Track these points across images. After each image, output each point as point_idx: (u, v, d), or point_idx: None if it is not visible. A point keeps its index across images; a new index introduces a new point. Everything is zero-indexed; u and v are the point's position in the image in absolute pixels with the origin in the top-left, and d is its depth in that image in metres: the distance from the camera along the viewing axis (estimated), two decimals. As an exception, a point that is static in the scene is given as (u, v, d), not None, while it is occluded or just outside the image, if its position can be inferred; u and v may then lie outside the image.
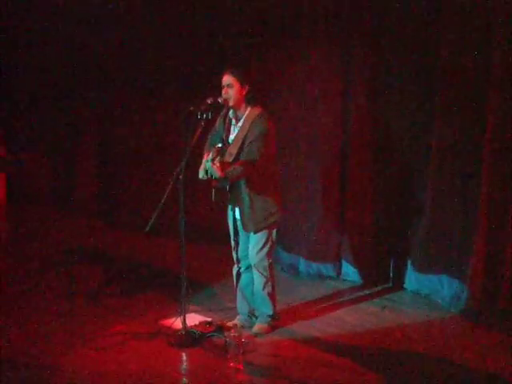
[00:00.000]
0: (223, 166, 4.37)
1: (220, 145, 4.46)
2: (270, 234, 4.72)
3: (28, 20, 9.50)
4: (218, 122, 4.82)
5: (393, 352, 4.55)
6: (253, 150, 4.48)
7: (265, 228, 4.68)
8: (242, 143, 4.54)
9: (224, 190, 4.67)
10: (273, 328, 4.87)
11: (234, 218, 4.83)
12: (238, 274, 4.95)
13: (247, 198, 4.60)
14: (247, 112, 4.60)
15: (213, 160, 4.31)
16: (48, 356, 4.41)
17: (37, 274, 6.40)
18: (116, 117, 8.91)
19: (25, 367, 4.26)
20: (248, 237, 4.78)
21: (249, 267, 4.86)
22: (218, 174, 4.36)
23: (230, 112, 4.69)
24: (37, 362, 4.32)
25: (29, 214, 9.21)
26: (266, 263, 4.74)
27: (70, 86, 9.34)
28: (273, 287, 4.83)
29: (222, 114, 4.79)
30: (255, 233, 4.69)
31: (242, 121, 4.61)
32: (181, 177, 4.43)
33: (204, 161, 4.53)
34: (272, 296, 4.84)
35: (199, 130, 4.42)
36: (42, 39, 9.40)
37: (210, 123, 4.61)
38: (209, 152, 4.57)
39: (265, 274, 4.75)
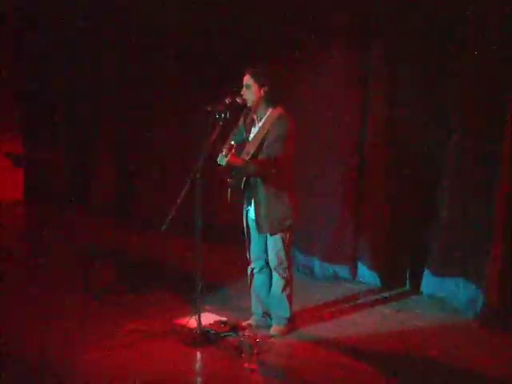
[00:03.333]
0: (240, 159, 4.40)
1: (232, 142, 4.44)
2: (286, 237, 4.69)
3: (50, 21, 9.58)
4: (241, 121, 4.82)
5: (407, 355, 4.52)
6: (272, 151, 4.47)
7: (280, 230, 4.65)
8: (261, 143, 4.53)
9: (239, 189, 4.67)
10: (289, 330, 4.85)
11: (248, 218, 4.82)
12: (252, 275, 4.94)
13: (264, 200, 4.59)
14: (268, 113, 4.60)
15: (226, 156, 4.29)
16: (61, 354, 4.43)
17: (51, 271, 6.43)
18: (133, 116, 8.94)
19: (37, 366, 4.28)
20: (262, 238, 4.76)
21: (263, 268, 4.86)
22: (237, 162, 4.37)
23: (252, 111, 4.68)
24: (49, 361, 4.34)
25: (45, 212, 9.27)
26: (285, 265, 4.73)
27: (88, 84, 9.39)
28: (291, 289, 4.81)
29: (244, 112, 4.78)
30: (271, 235, 4.68)
31: (262, 121, 4.62)
32: (198, 176, 4.44)
33: (219, 158, 4.47)
34: (290, 298, 4.81)
35: (217, 129, 4.43)
36: (62, 40, 9.47)
37: (228, 123, 4.60)
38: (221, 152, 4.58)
39: (285, 275, 4.74)
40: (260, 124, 4.62)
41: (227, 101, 4.50)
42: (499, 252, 5.03)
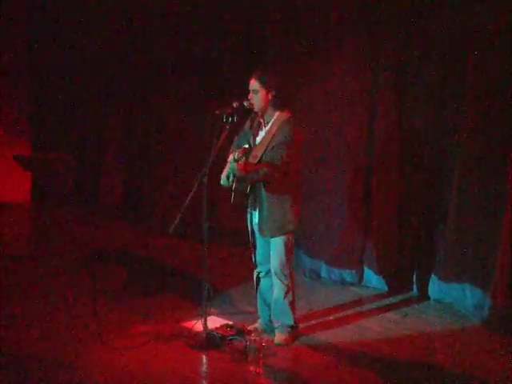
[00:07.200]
0: (247, 166, 4.36)
1: (247, 146, 4.45)
2: (287, 241, 4.65)
3: (60, 24, 9.63)
4: (247, 125, 4.81)
5: (414, 361, 4.50)
6: (277, 154, 4.45)
7: (282, 234, 4.62)
8: (267, 146, 4.52)
9: (243, 192, 4.66)
10: (293, 338, 4.78)
11: (252, 222, 4.80)
12: (258, 279, 4.92)
13: (266, 203, 4.57)
14: (275, 116, 4.59)
15: (238, 160, 4.29)
16: (69, 356, 4.43)
17: (60, 273, 6.45)
18: (142, 118, 8.98)
19: (46, 366, 4.28)
20: (266, 242, 4.73)
21: (269, 272, 4.82)
22: (240, 172, 4.36)
23: (259, 115, 4.67)
24: (58, 362, 4.35)
25: (53, 214, 9.29)
26: (286, 271, 4.68)
27: (97, 86, 9.44)
28: (293, 296, 4.77)
29: (251, 116, 4.78)
30: (271, 237, 4.65)
31: (269, 124, 4.60)
32: (205, 179, 4.44)
33: (228, 161, 4.51)
34: (292, 305, 4.76)
35: (224, 133, 4.43)
36: (72, 44, 9.53)
37: (235, 126, 4.61)
38: (234, 152, 4.60)
39: (286, 282, 4.69)
40: (267, 128, 4.61)
41: (235, 105, 4.51)
42: (506, 257, 5.02)
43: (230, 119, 4.46)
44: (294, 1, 6.69)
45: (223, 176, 4.63)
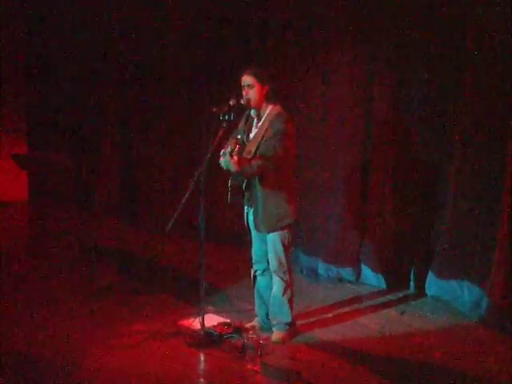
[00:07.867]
0: (241, 160, 4.33)
1: (239, 136, 4.43)
2: (284, 237, 4.63)
3: (57, 20, 9.63)
4: (241, 123, 4.80)
5: (411, 358, 4.50)
6: (269, 147, 4.44)
7: (278, 229, 4.60)
8: (261, 141, 4.51)
9: (239, 189, 4.65)
10: (291, 335, 4.78)
11: (248, 220, 4.78)
12: (255, 277, 4.91)
13: (262, 198, 4.55)
14: (268, 111, 4.58)
15: (231, 152, 4.26)
16: (67, 355, 4.43)
17: (56, 272, 6.44)
18: (139, 117, 8.97)
19: (44, 365, 4.29)
20: (263, 240, 4.72)
21: (265, 270, 4.82)
22: (234, 168, 4.33)
23: (252, 111, 4.66)
24: (55, 361, 4.35)
25: (50, 213, 9.30)
26: (285, 267, 4.68)
27: (95, 85, 9.43)
28: (292, 292, 4.77)
29: (245, 114, 4.77)
30: (268, 233, 4.64)
31: (262, 119, 4.59)
32: (202, 178, 4.43)
33: (222, 152, 4.47)
34: (290, 301, 4.76)
35: (221, 131, 4.42)
36: (69, 40, 9.53)
37: (233, 124, 4.60)
38: (227, 146, 4.55)
39: (285, 278, 4.68)
40: (260, 123, 4.60)
41: (232, 102, 4.49)
42: (503, 254, 5.02)
43: (227, 117, 4.44)
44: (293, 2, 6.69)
45: (221, 159, 4.57)
